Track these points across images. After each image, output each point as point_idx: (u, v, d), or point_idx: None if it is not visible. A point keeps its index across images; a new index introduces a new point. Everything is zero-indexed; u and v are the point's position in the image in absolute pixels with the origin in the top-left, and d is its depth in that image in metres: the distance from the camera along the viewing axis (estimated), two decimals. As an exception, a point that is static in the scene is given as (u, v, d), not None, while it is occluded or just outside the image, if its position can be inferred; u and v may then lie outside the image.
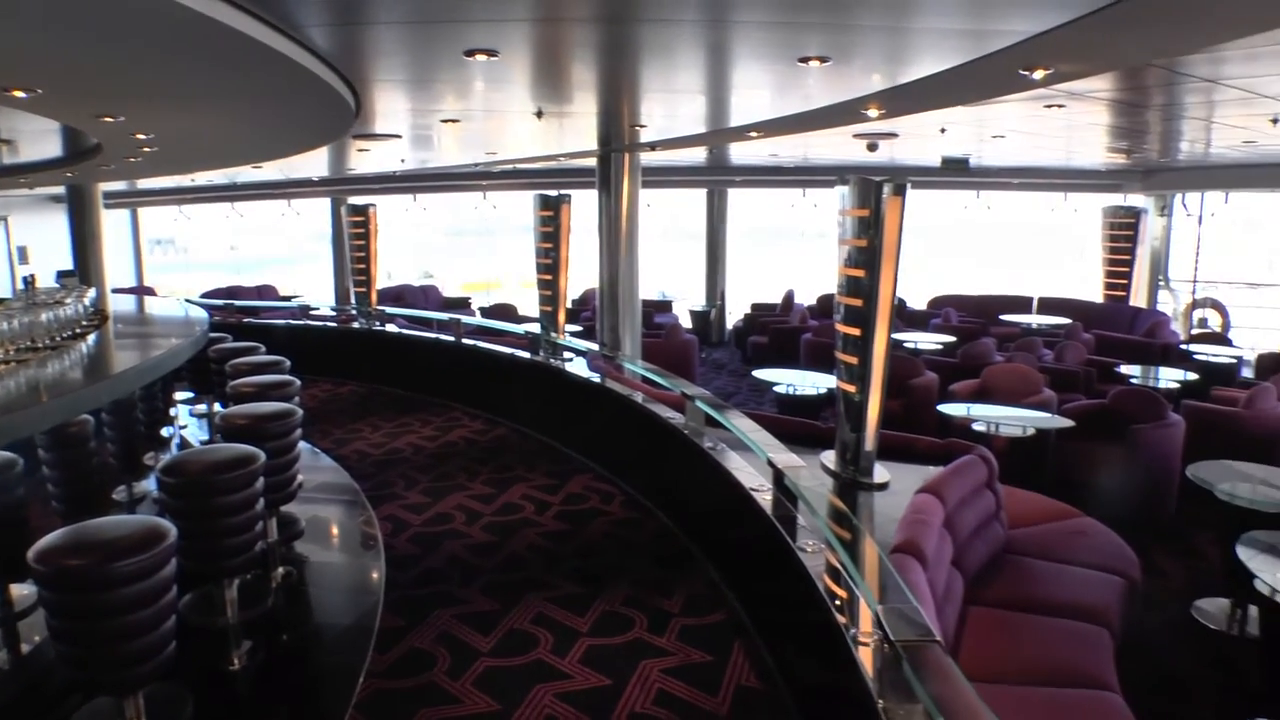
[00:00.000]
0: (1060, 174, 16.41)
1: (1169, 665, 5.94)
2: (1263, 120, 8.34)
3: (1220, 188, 15.42)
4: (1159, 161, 14.08)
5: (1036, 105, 7.41)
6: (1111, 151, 12.59)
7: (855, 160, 13.38)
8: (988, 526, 5.77)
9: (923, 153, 12.77)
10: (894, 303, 5.58)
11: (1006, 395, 9.13)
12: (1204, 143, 11.14)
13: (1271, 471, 7.59)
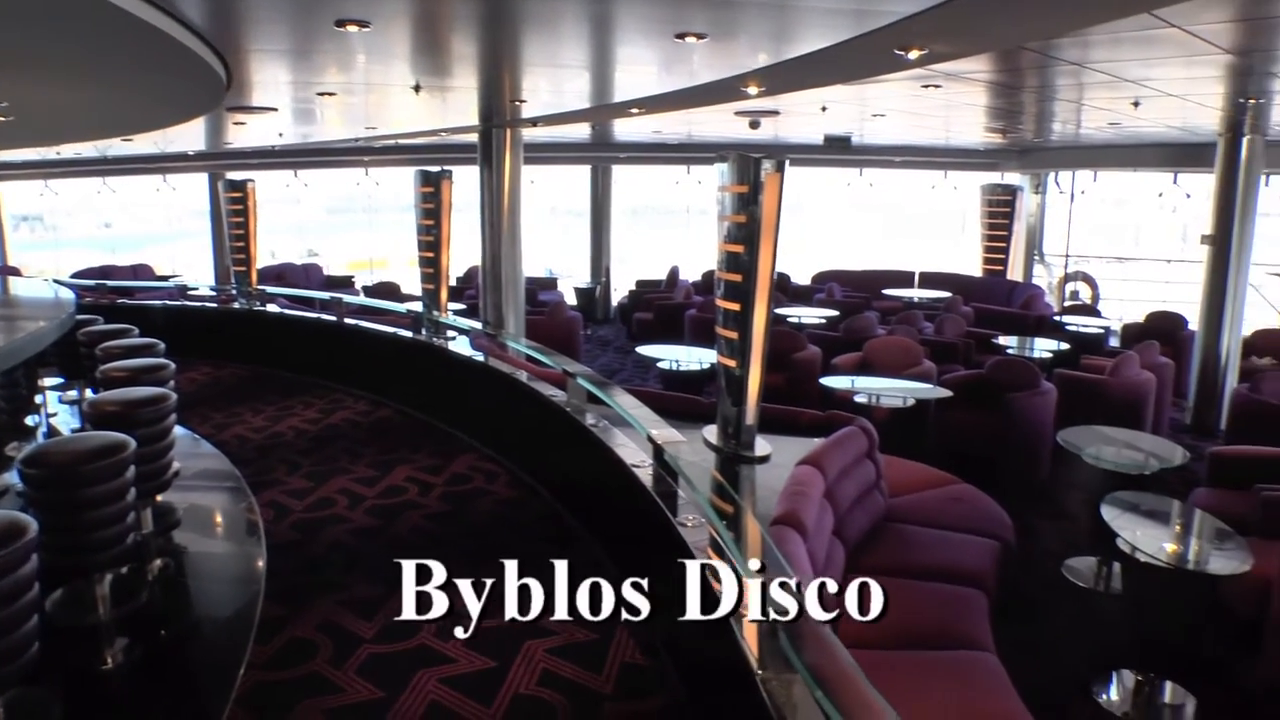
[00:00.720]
0: (940, 152, 16.79)
1: (1042, 623, 6.14)
2: (1125, 103, 8.62)
3: (1089, 167, 15.98)
4: (1033, 141, 14.51)
5: (914, 85, 7.54)
6: (989, 131, 12.91)
7: (739, 137, 13.48)
8: (868, 496, 5.88)
9: (806, 130, 12.91)
10: (773, 278, 5.63)
11: (888, 367, 9.33)
12: (1074, 124, 11.50)
13: (1135, 435, 7.92)
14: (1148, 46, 5.93)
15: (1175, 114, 9.72)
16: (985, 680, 4.25)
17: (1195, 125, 10.76)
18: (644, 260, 20.18)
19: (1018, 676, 4.86)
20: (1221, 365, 11.36)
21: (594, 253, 19.06)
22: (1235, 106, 8.94)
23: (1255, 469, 7.06)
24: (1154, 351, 10.84)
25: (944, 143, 15.43)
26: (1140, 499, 6.15)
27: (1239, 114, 9.56)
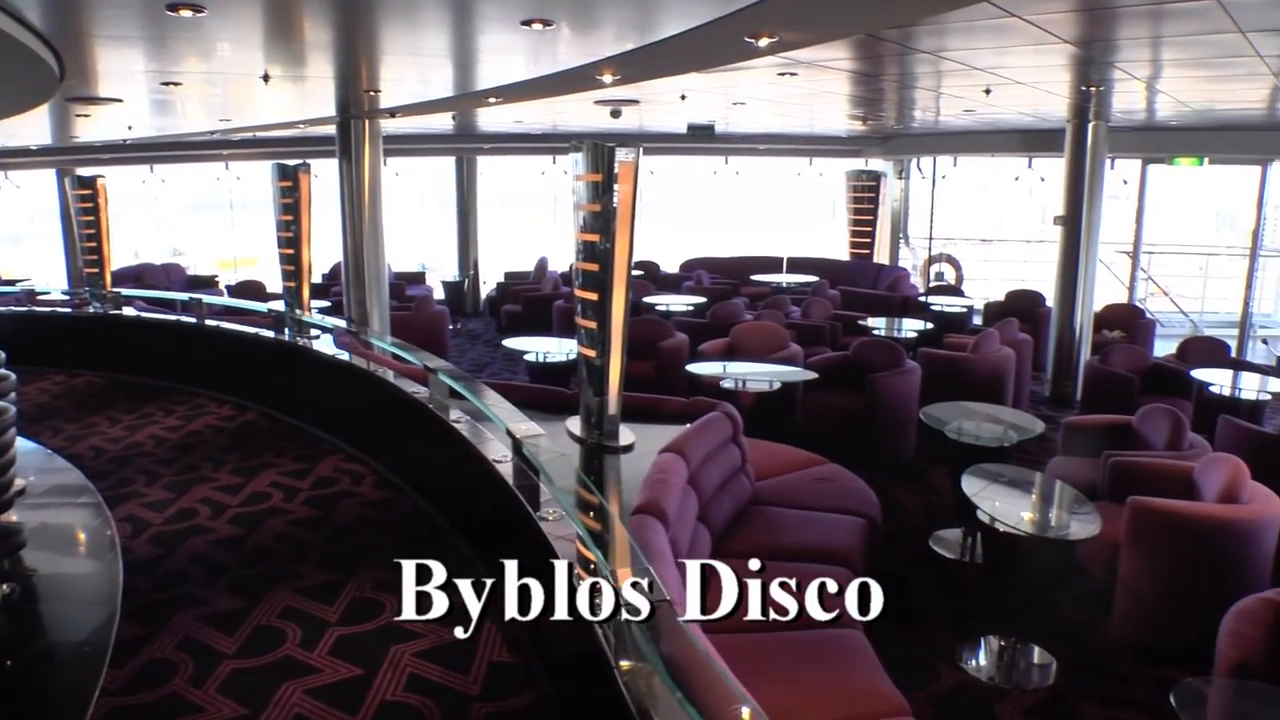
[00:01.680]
0: (805, 140, 17.02)
1: (910, 595, 6.26)
2: (979, 91, 8.83)
3: (950, 152, 16.43)
4: (895, 128, 14.82)
5: (770, 73, 7.59)
6: (852, 119, 13.13)
7: (604, 127, 13.44)
8: (734, 480, 5.91)
9: (670, 120, 12.94)
10: (630, 266, 5.63)
11: (755, 352, 9.42)
12: (934, 111, 11.77)
13: (996, 409, 8.17)
14: (997, 36, 6.07)
15: (1027, 102, 10.02)
16: (853, 657, 4.30)
17: (1046, 112, 11.14)
18: (520, 252, 19.95)
19: (886, 651, 4.96)
20: (1076, 339, 11.80)
21: (461, 245, 18.75)
22: (1080, 94, 9.28)
23: (1105, 436, 7.36)
24: (1013, 328, 11.19)
25: (808, 130, 15.65)
26: (1000, 470, 6.32)
27: (1084, 101, 9.94)
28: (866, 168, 17.90)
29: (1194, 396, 9.81)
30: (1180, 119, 11.76)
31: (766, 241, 19.70)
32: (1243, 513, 5.61)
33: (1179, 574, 5.56)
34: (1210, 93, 9.34)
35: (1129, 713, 5.03)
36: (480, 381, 6.63)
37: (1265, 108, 10.18)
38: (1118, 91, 9.04)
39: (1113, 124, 11.78)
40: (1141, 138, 13.23)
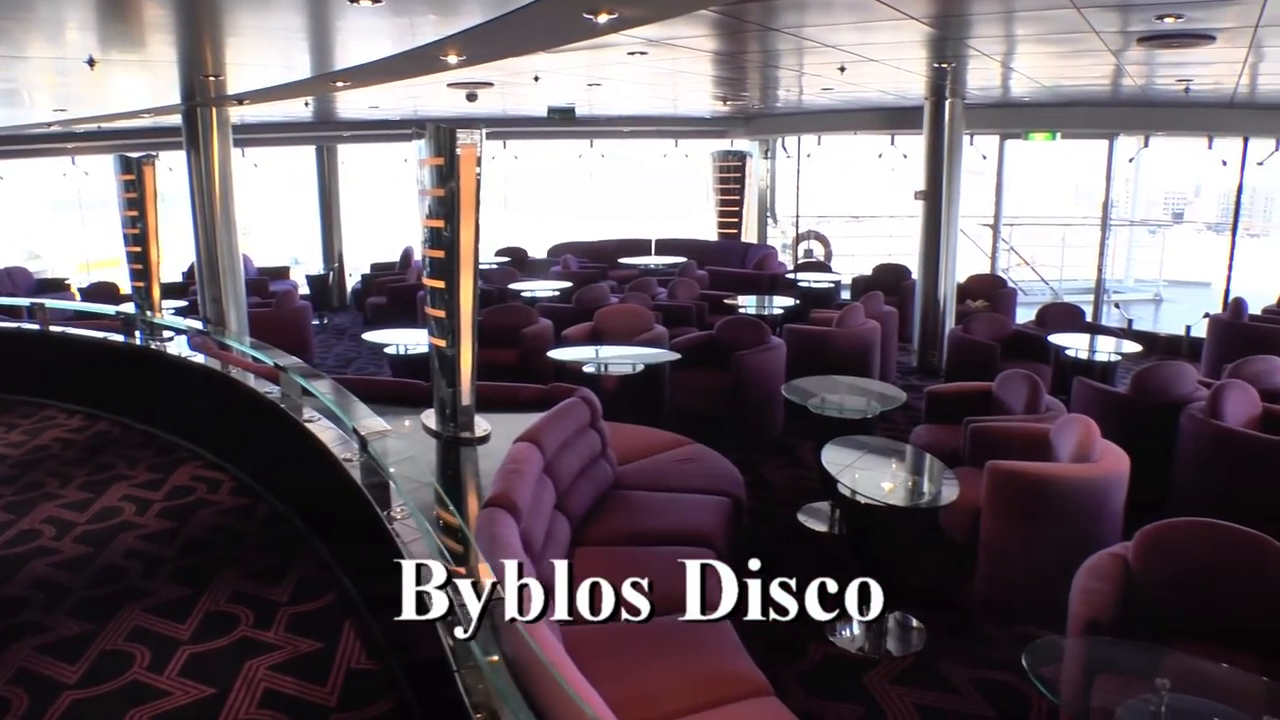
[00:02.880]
0: (669, 121, 17.00)
1: (779, 570, 6.22)
2: (836, 69, 8.89)
3: (813, 131, 16.59)
4: (759, 108, 14.90)
5: (619, 53, 7.49)
6: (715, 99, 13.14)
7: (463, 112, 13.17)
8: (594, 466, 5.81)
9: (530, 103, 12.78)
10: (477, 252, 5.50)
11: (619, 335, 9.34)
12: (796, 90, 11.84)
13: (861, 381, 8.26)
14: (854, 13, 6.10)
15: (886, 80, 10.15)
16: (714, 641, 4.24)
17: (905, 90, 11.30)
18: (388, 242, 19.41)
19: (753, 630, 4.95)
20: (940, 310, 12.07)
21: (325, 238, 18.22)
22: (936, 72, 9.42)
23: (966, 403, 7.49)
24: (878, 301, 11.35)
25: (672, 112, 15.63)
26: (863, 441, 6.38)
27: (940, 79, 10.10)
28: (732, 148, 18.00)
29: (1052, 361, 10.09)
30: (1033, 96, 12.06)
31: (639, 225, 19.62)
32: (1093, 471, 5.75)
33: (1036, 534, 5.67)
34: (1059, 70, 9.59)
35: (996, 672, 5.11)
36: (331, 378, 6.44)
37: (1110, 84, 10.51)
38: (972, 69, 9.21)
39: (969, 101, 12.02)
40: (997, 114, 13.53)
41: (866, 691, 4.91)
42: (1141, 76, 9.69)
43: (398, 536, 4.27)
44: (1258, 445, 6.68)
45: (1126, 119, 13.47)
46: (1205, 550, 4.54)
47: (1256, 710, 3.40)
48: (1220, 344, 11.49)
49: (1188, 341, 13.69)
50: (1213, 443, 6.89)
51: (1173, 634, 4.39)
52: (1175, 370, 7.80)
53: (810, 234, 18.66)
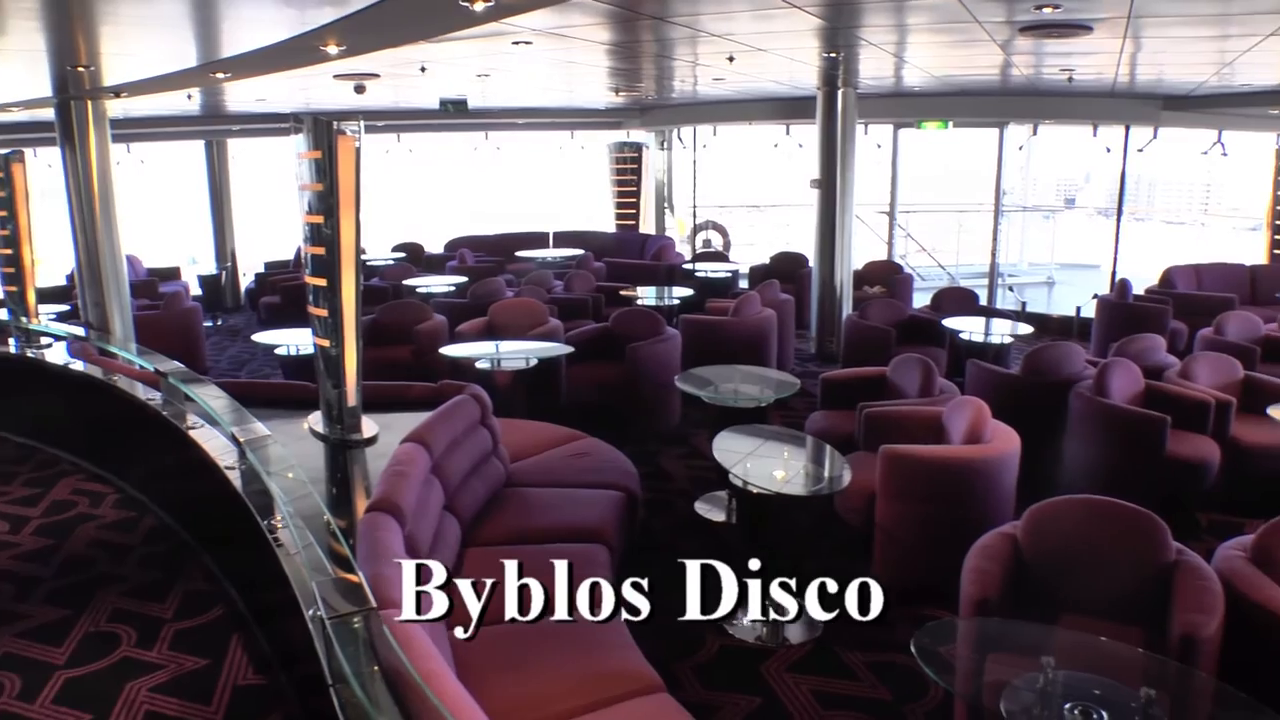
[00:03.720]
0: (564, 113, 16.82)
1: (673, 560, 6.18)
2: (725, 58, 8.88)
3: (709, 121, 16.60)
4: (654, 99, 14.83)
5: (504, 42, 7.36)
6: (610, 91, 13.05)
7: (354, 105, 12.87)
8: (485, 464, 5.68)
9: (422, 95, 12.53)
10: (359, 248, 5.35)
11: (514, 329, 9.20)
12: (690, 81, 11.82)
13: (757, 370, 8.28)
14: (747, 2, 6.07)
15: (779, 70, 10.16)
16: (609, 639, 4.16)
17: (798, 80, 11.34)
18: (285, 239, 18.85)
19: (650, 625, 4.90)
20: (837, 296, 12.15)
21: (217, 236, 17.61)
22: (827, 62, 9.45)
23: (861, 388, 7.54)
24: (775, 289, 11.40)
25: (568, 104, 15.49)
26: (759, 430, 6.36)
27: (831, 69, 10.16)
28: (628, 140, 17.95)
29: (947, 344, 10.25)
30: (925, 86, 12.23)
31: (538, 218, 19.44)
32: (984, 452, 5.82)
33: (930, 516, 5.72)
34: (949, 60, 9.71)
35: (893, 654, 5.12)
36: (216, 383, 6.23)
37: (998, 75, 10.70)
38: (863, 59, 9.26)
39: (862, 91, 12.11)
40: (890, 104, 13.73)
41: (764, 681, 4.88)
42: (1028, 67, 9.88)
43: (279, 546, 4.13)
44: (1140, 420, 6.85)
45: (1015, 108, 13.82)
46: (1090, 526, 4.61)
47: (1137, 683, 3.45)
48: (1107, 324, 11.83)
49: (1078, 322, 14.06)
50: (1099, 419, 7.05)
51: (1061, 609, 4.46)
52: (1064, 350, 7.97)
53: (708, 224, 18.70)
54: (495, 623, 4.22)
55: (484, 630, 4.13)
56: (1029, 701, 3.41)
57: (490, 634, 4.13)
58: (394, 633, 3.01)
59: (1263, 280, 13.62)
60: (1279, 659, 4.00)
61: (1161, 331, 10.40)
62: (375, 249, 16.16)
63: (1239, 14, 6.44)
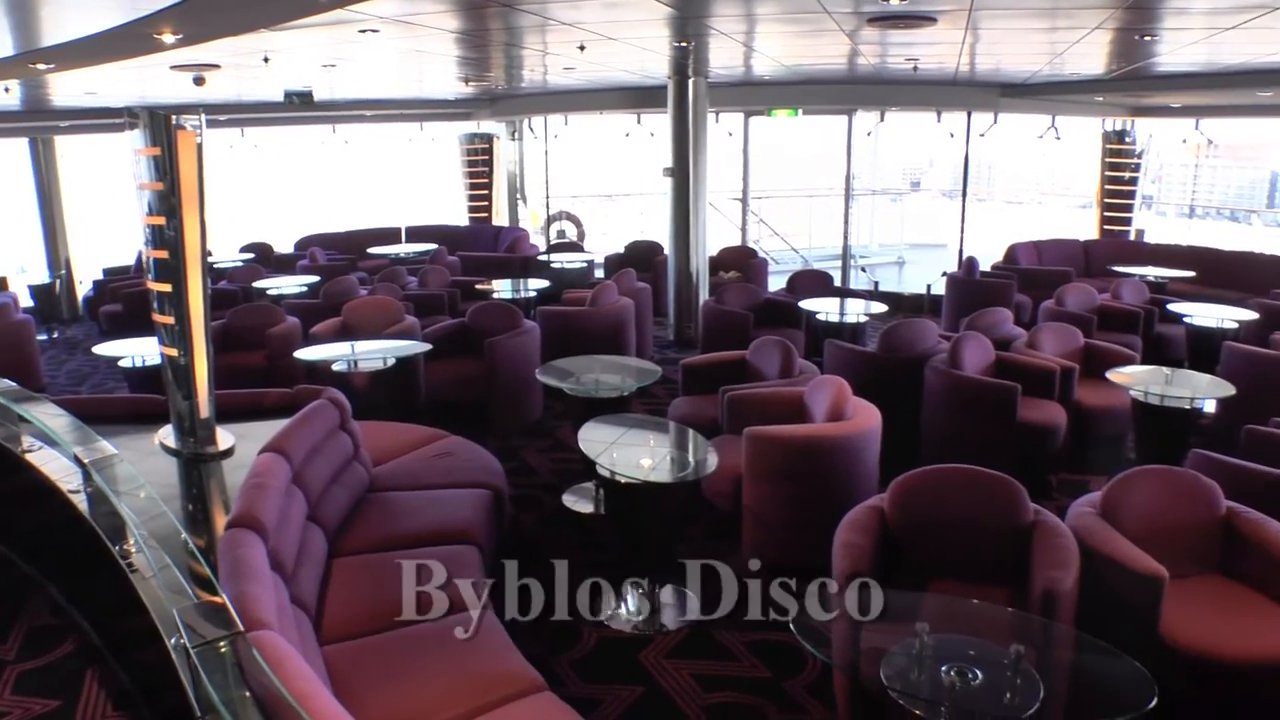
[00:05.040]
0: (413, 104, 16.49)
1: (541, 554, 6.12)
2: (575, 47, 8.81)
3: (560, 111, 16.50)
4: (504, 89, 14.67)
5: (350, 30, 7.13)
6: (460, 80, 12.83)
7: (194, 98, 12.29)
8: (347, 470, 5.47)
9: (266, 87, 12.09)
10: (204, 249, 5.09)
11: (370, 329, 8.92)
12: (540, 71, 11.71)
13: (616, 359, 8.27)
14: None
15: (630, 59, 10.15)
16: (486, 640, 4.06)
17: (649, 70, 11.36)
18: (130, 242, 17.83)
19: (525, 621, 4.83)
20: (694, 283, 12.23)
21: (48, 242, 16.53)
22: (678, 51, 9.49)
23: (722, 373, 7.57)
24: (631, 278, 11.40)
25: (416, 94, 15.19)
26: (622, 419, 6.31)
27: (682, 58, 10.20)
28: (479, 130, 17.71)
29: (804, 325, 10.43)
30: (775, 74, 12.45)
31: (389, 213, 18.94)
32: (846, 428, 5.91)
33: (797, 494, 5.80)
34: (798, 50, 9.89)
35: (769, 633, 5.17)
36: (53, 400, 5.86)
37: (846, 63, 10.96)
38: (713, 49, 9.33)
39: (712, 80, 12.20)
40: (741, 92, 13.92)
41: (644, 669, 4.85)
42: (875, 56, 10.14)
43: (134, 571, 3.88)
44: (993, 390, 7.10)
45: (863, 95, 14.23)
46: (953, 494, 4.74)
47: (1006, 640, 3.55)
48: (957, 300, 12.27)
49: (929, 299, 14.51)
50: (954, 391, 7.28)
51: (930, 576, 4.58)
52: (918, 327, 8.19)
53: (562, 214, 18.61)
54: (366, 634, 4.12)
55: (354, 643, 4.02)
56: (906, 667, 3.46)
57: (361, 647, 4.00)
58: (264, 655, 2.85)
59: (1096, 254, 14.39)
60: (1130, 605, 4.22)
61: (1007, 305, 10.88)
62: (221, 250, 15.50)
63: (1067, 8, 6.79)
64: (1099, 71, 10.98)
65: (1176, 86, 11.55)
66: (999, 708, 3.30)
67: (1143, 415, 7.23)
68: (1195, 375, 7.76)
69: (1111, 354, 8.23)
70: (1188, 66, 10.19)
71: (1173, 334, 10.49)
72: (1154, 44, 8.28)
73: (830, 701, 4.52)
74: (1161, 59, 9.51)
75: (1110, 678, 3.62)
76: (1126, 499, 4.77)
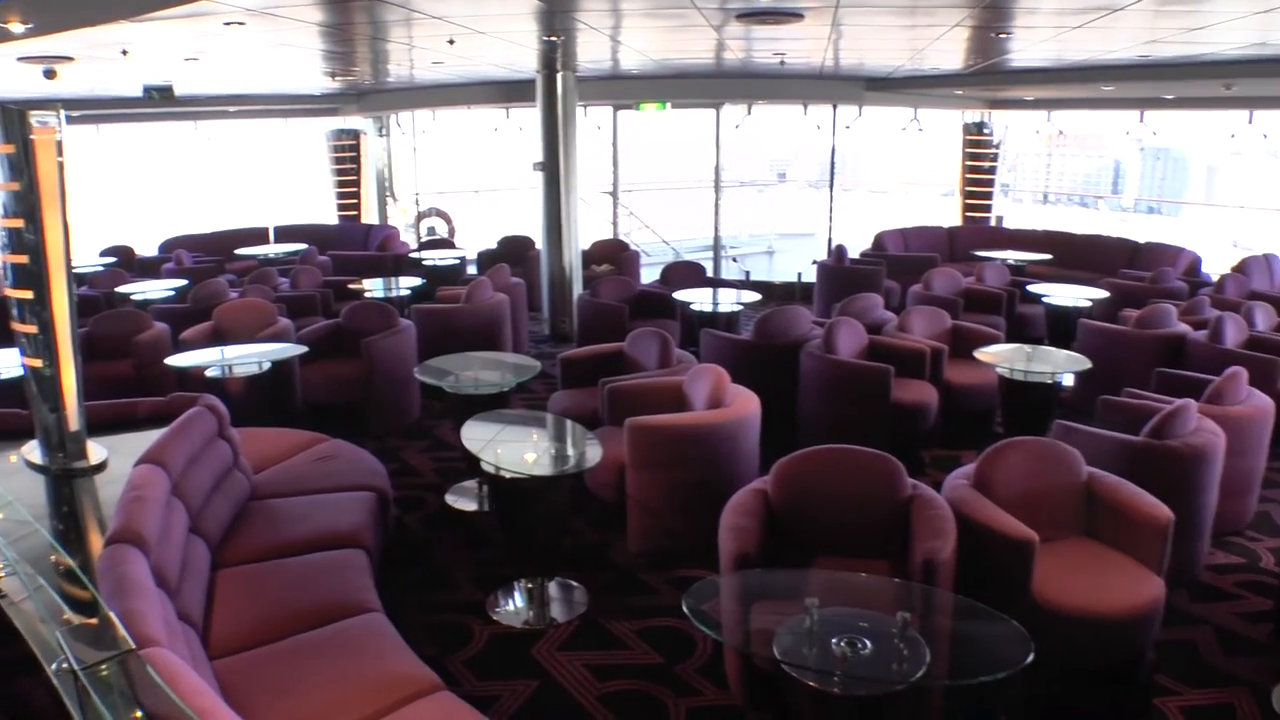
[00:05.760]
0: (278, 99, 16.00)
1: (433, 559, 6.06)
2: (443, 41, 8.70)
3: (428, 106, 16.28)
4: (371, 84, 14.40)
5: (214, 22, 6.89)
6: (326, 75, 12.53)
7: (47, 92, 11.70)
8: (228, 479, 5.29)
9: (124, 82, 11.58)
10: (68, 254, 4.88)
11: (243, 332, 8.64)
12: (407, 65, 11.52)
13: (495, 355, 8.25)
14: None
15: (498, 54, 10.07)
16: (377, 643, 3.99)
17: (517, 64, 11.30)
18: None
19: (416, 623, 4.77)
20: (567, 277, 12.23)
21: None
22: (546, 45, 9.44)
23: (601, 365, 7.62)
24: (505, 273, 11.34)
25: (281, 90, 14.77)
26: (503, 415, 6.29)
27: (551, 52, 10.16)
28: (346, 126, 17.32)
29: (679, 316, 10.53)
30: (643, 68, 12.52)
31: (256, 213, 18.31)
32: (726, 415, 6.02)
33: (680, 482, 5.87)
34: (666, 44, 9.97)
35: (659, 620, 5.23)
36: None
37: (714, 58, 11.11)
38: (582, 43, 9.31)
39: (581, 74, 12.20)
40: (610, 86, 13.95)
41: (537, 663, 4.85)
42: (742, 51, 10.28)
43: (2, 596, 3.70)
44: (867, 373, 7.32)
45: (730, 89, 14.45)
46: (834, 473, 4.87)
47: (892, 609, 3.70)
48: (828, 286, 12.58)
49: (800, 287, 14.85)
50: (830, 375, 7.48)
51: (815, 554, 4.70)
52: (792, 314, 8.37)
53: (432, 211, 18.34)
54: (256, 646, 4.00)
55: (245, 656, 3.91)
56: (798, 642, 3.55)
57: (252, 659, 3.89)
58: (159, 672, 2.75)
59: (959, 239, 14.97)
60: (1004, 569, 4.43)
61: (877, 290, 11.22)
62: (80, 255, 14.80)
63: (927, 7, 7.03)
64: (958, 66, 11.40)
65: (1029, 81, 12.07)
66: (889, 674, 3.42)
67: (1008, 391, 7.58)
68: (1054, 351, 8.18)
69: (977, 334, 8.59)
70: (1039, 62, 10.70)
71: (1033, 313, 11.02)
72: (1008, 41, 8.65)
73: (723, 682, 4.61)
74: (1015, 55, 9.95)
75: (990, 638, 3.80)
76: (997, 470, 4.99)
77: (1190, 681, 4.74)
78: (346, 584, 4.52)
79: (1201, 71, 9.95)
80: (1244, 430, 6.06)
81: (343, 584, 4.51)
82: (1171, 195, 42.45)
